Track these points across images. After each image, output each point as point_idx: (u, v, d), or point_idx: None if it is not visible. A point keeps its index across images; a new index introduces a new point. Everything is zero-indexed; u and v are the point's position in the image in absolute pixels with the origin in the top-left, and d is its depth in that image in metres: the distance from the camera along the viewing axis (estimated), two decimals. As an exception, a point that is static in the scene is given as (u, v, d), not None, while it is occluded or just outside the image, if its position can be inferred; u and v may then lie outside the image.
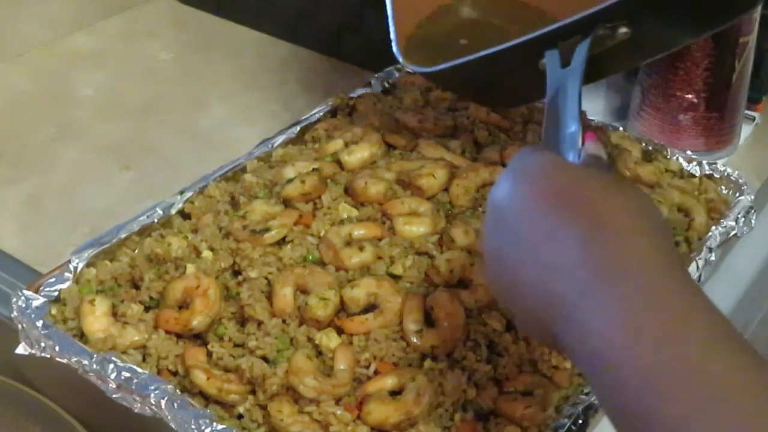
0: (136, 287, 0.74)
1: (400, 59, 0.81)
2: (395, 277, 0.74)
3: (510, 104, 0.91)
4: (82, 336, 0.70)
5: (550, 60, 0.65)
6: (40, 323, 0.68)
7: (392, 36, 0.82)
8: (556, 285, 0.47)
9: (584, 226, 0.47)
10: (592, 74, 0.65)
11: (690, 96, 0.97)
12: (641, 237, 0.47)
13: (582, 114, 0.59)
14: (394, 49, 0.82)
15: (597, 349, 0.45)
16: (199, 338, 0.70)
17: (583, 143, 0.56)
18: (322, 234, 0.77)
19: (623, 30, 0.66)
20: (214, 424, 0.61)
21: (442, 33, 0.86)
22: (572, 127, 0.57)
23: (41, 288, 0.72)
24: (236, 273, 0.75)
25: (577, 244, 0.47)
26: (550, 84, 0.63)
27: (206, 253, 0.75)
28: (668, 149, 0.91)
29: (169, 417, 0.62)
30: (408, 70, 0.91)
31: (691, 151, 0.94)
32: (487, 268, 0.53)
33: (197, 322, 0.69)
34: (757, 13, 0.94)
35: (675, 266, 0.47)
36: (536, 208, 0.49)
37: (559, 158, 0.54)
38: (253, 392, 0.66)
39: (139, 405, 0.64)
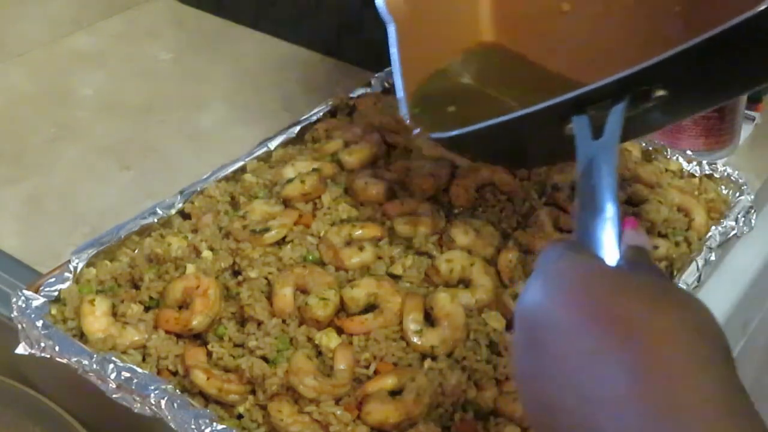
0: (136, 287, 0.74)
1: (408, 120, 0.74)
2: (395, 277, 0.74)
3: (535, 166, 0.83)
4: (82, 336, 0.70)
5: (579, 128, 0.57)
6: (40, 323, 0.68)
7: (401, 96, 0.74)
8: (599, 422, 0.40)
9: (632, 353, 0.40)
10: (624, 133, 0.57)
11: (690, 96, 0.97)
12: (699, 369, 0.40)
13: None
14: (403, 111, 0.74)
15: None
16: (199, 338, 0.70)
17: (622, 231, 0.49)
18: (322, 234, 0.77)
19: (660, 93, 0.58)
20: (214, 424, 0.61)
21: (443, 96, 0.79)
22: (610, 213, 0.49)
23: (41, 288, 0.72)
24: (236, 273, 0.75)
25: (623, 375, 0.39)
26: (580, 158, 0.55)
27: (206, 253, 0.75)
28: (668, 149, 0.91)
29: (169, 417, 0.62)
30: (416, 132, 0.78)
31: (691, 151, 0.93)
32: (520, 393, 0.46)
33: (197, 322, 0.69)
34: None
35: (739, 404, 0.39)
36: (574, 326, 0.42)
37: (597, 262, 0.46)
38: (253, 392, 0.66)
39: (139, 405, 0.64)
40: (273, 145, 0.90)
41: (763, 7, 0.53)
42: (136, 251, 0.77)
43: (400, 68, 0.74)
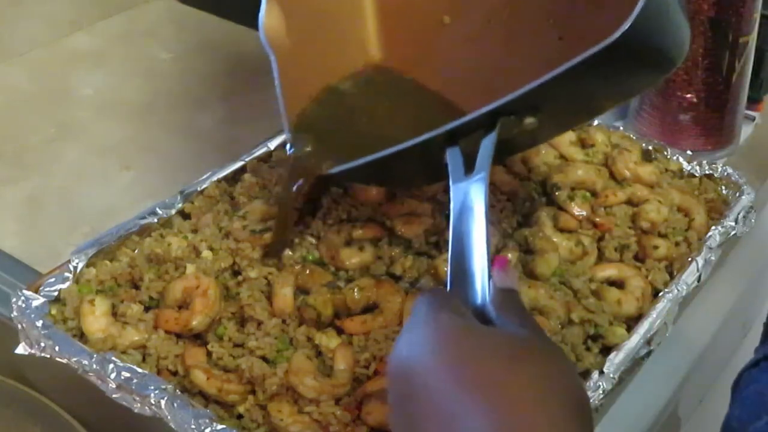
0: (136, 287, 0.74)
1: (289, 149, 0.74)
2: (395, 277, 0.74)
3: (423, 185, 0.81)
4: (81, 336, 0.70)
5: (453, 161, 0.58)
6: (40, 323, 0.68)
7: (284, 120, 0.74)
8: None
9: (489, 407, 0.42)
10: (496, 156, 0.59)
11: (690, 96, 0.97)
12: (552, 426, 0.42)
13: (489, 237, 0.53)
14: (286, 134, 0.74)
15: None
16: (199, 338, 0.70)
17: (491, 275, 0.51)
18: (321, 234, 0.77)
19: (530, 120, 0.60)
20: (214, 424, 0.61)
21: (327, 118, 0.79)
22: (479, 254, 0.51)
23: (41, 288, 0.72)
24: (236, 273, 0.75)
25: (481, 429, 0.42)
26: (454, 196, 0.56)
27: (206, 253, 0.75)
28: (668, 149, 0.91)
29: (168, 417, 0.62)
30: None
31: (691, 151, 0.94)
32: None
33: (197, 322, 0.69)
34: (757, 13, 0.94)
35: None
36: (437, 381, 0.44)
37: (461, 321, 0.47)
38: (253, 392, 0.66)
39: (138, 405, 0.64)
40: (273, 145, 0.90)
41: (618, 35, 0.54)
42: (136, 251, 0.77)
43: (281, 95, 0.75)
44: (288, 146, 0.75)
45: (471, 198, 0.55)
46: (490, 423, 0.42)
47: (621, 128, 0.96)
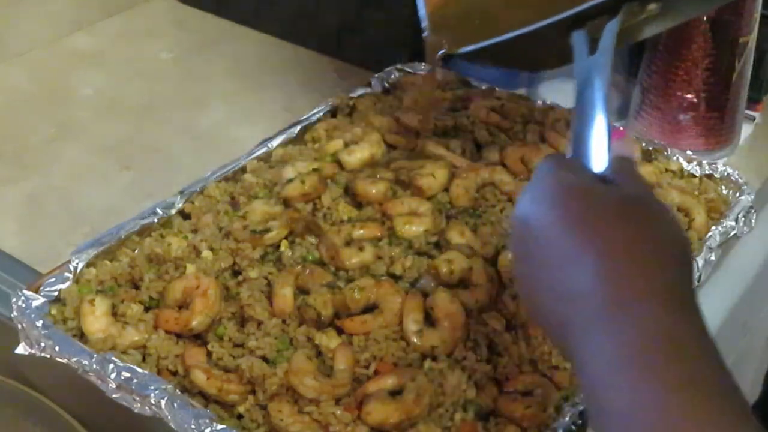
0: (136, 287, 0.74)
1: (428, 37, 0.80)
2: (395, 277, 0.74)
3: (547, 68, 0.93)
4: (82, 336, 0.70)
5: (578, 43, 0.62)
6: (40, 323, 0.68)
7: (422, 15, 0.80)
8: (567, 312, 0.47)
9: (597, 254, 0.47)
10: (618, 42, 0.63)
11: (690, 96, 0.97)
12: (655, 270, 0.46)
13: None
14: (422, 17, 0.80)
15: (588, 384, 0.45)
16: (199, 338, 0.70)
17: (611, 141, 0.54)
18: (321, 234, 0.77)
19: (652, 6, 0.64)
20: (214, 424, 0.61)
21: (458, 12, 0.84)
22: (600, 124, 0.55)
23: (41, 288, 0.72)
24: (236, 273, 0.75)
25: (589, 271, 0.46)
26: (577, 72, 0.60)
27: (206, 253, 0.75)
28: (668, 149, 0.91)
29: (169, 417, 0.62)
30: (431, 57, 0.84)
31: (691, 151, 0.94)
32: (517, 287, 0.54)
33: (197, 322, 0.69)
34: (757, 13, 0.94)
35: (684, 306, 0.46)
36: (554, 232, 0.49)
37: (579, 178, 0.52)
38: (253, 392, 0.66)
39: (139, 405, 0.64)
40: (273, 145, 0.90)
41: None
42: (136, 251, 0.77)
43: None
44: (424, 29, 0.80)
45: (593, 75, 0.58)
46: (602, 267, 0.46)
47: (621, 128, 0.96)
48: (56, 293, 0.72)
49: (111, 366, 0.65)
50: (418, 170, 0.83)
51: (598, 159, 0.54)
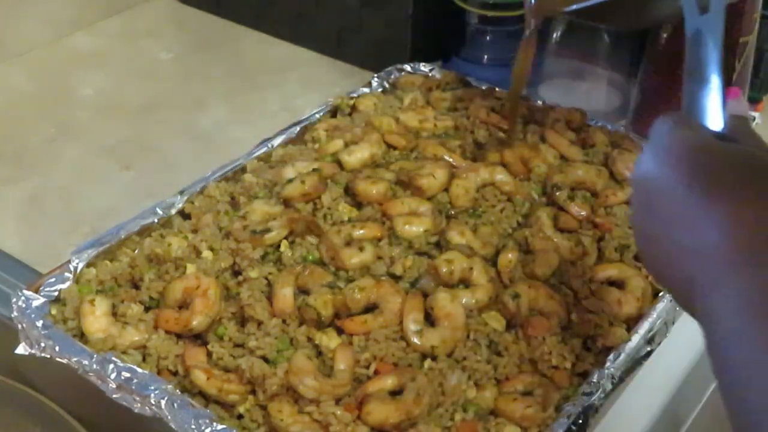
0: (136, 287, 0.74)
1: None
2: (395, 277, 0.74)
3: (645, 26, 0.95)
4: (82, 336, 0.70)
5: (687, 2, 0.61)
6: (40, 323, 0.68)
7: None
8: (691, 267, 0.47)
9: (725, 207, 0.47)
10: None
11: (690, 96, 0.97)
12: None
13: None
14: None
15: (716, 339, 0.45)
16: (199, 338, 0.70)
17: (725, 100, 0.55)
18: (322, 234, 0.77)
19: None
20: (214, 424, 0.61)
21: None
22: (714, 84, 0.55)
23: (41, 288, 0.72)
24: (236, 273, 0.75)
25: (715, 227, 0.46)
26: (687, 30, 0.59)
27: (206, 253, 0.75)
28: (668, 149, 0.91)
29: (169, 417, 0.62)
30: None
31: (691, 151, 0.93)
32: (636, 241, 0.55)
33: (197, 322, 0.69)
34: (757, 13, 0.94)
35: None
36: (680, 189, 0.49)
37: (699, 137, 0.52)
38: (253, 392, 0.66)
39: (139, 405, 0.64)
40: (273, 145, 0.90)
41: None
42: (136, 251, 0.77)
43: None
44: None
45: (705, 34, 0.58)
46: (731, 218, 0.46)
47: (621, 128, 0.96)
48: (56, 293, 0.72)
49: (111, 366, 0.65)
50: (418, 170, 0.83)
51: (714, 118, 0.54)
